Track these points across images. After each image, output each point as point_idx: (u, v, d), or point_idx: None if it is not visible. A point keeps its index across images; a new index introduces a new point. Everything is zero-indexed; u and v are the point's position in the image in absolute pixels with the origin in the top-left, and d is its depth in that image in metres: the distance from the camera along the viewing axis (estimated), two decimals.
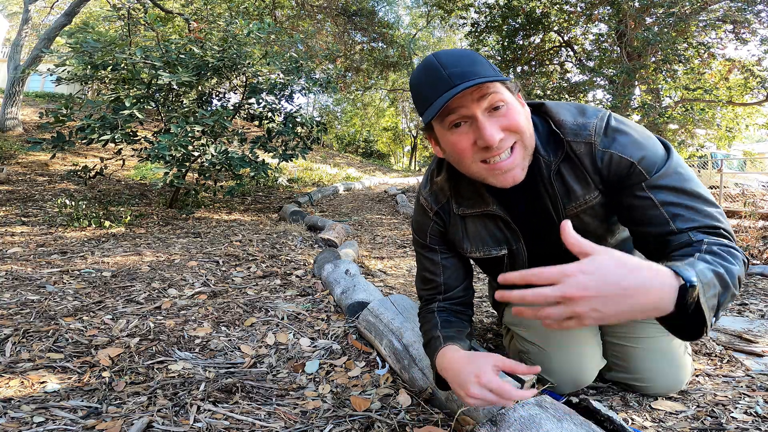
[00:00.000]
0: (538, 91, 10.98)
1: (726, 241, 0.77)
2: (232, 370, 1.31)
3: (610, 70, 9.73)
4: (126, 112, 3.89)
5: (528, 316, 0.66)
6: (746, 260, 0.78)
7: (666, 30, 8.17)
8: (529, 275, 0.63)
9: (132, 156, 5.03)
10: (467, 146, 0.84)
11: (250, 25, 4.90)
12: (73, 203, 4.28)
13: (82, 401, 1.08)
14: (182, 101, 5.17)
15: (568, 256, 0.98)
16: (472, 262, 1.15)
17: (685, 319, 0.68)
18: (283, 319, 1.76)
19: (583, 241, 0.65)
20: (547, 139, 0.92)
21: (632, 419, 1.03)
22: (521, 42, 11.83)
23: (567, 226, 0.65)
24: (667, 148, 0.87)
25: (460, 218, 1.03)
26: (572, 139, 0.88)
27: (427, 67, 0.84)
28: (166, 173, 4.24)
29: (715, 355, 1.39)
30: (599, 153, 0.87)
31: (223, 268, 2.49)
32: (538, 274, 0.62)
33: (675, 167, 0.84)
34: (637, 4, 8.91)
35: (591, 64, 11.15)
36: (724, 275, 0.70)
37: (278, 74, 5.53)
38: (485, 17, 11.95)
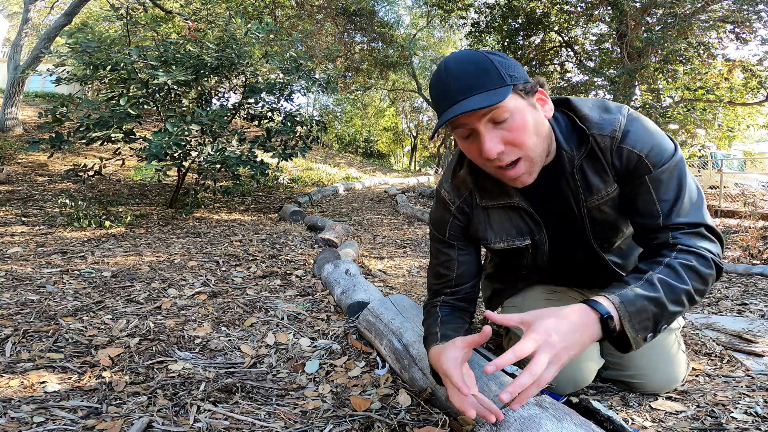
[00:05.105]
0: None
1: (696, 249, 0.86)
2: (232, 370, 1.31)
3: (610, 71, 9.73)
4: (120, 109, 3.89)
5: (532, 395, 0.73)
6: (718, 266, 0.87)
7: (668, 32, 8.16)
8: (517, 353, 0.71)
9: (131, 156, 5.03)
10: (477, 155, 0.89)
11: (249, 25, 4.90)
12: (73, 203, 4.28)
13: (82, 401, 1.08)
14: (181, 101, 5.17)
15: (588, 245, 1.02)
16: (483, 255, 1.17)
17: (615, 339, 0.82)
18: (283, 319, 1.76)
19: (512, 316, 0.78)
20: (570, 134, 0.95)
21: (632, 419, 1.03)
22: (521, 42, 11.82)
23: (490, 315, 0.77)
24: (675, 146, 0.93)
25: (483, 210, 1.05)
26: (597, 132, 0.92)
27: (438, 74, 0.87)
28: (158, 170, 4.24)
29: (715, 355, 1.39)
30: (617, 147, 0.92)
31: (223, 268, 2.49)
32: (519, 351, 0.71)
33: (677, 164, 0.91)
34: (638, 5, 8.89)
35: (591, 64, 11.15)
36: (661, 299, 0.81)
37: (278, 74, 5.54)
38: (485, 17, 11.93)
